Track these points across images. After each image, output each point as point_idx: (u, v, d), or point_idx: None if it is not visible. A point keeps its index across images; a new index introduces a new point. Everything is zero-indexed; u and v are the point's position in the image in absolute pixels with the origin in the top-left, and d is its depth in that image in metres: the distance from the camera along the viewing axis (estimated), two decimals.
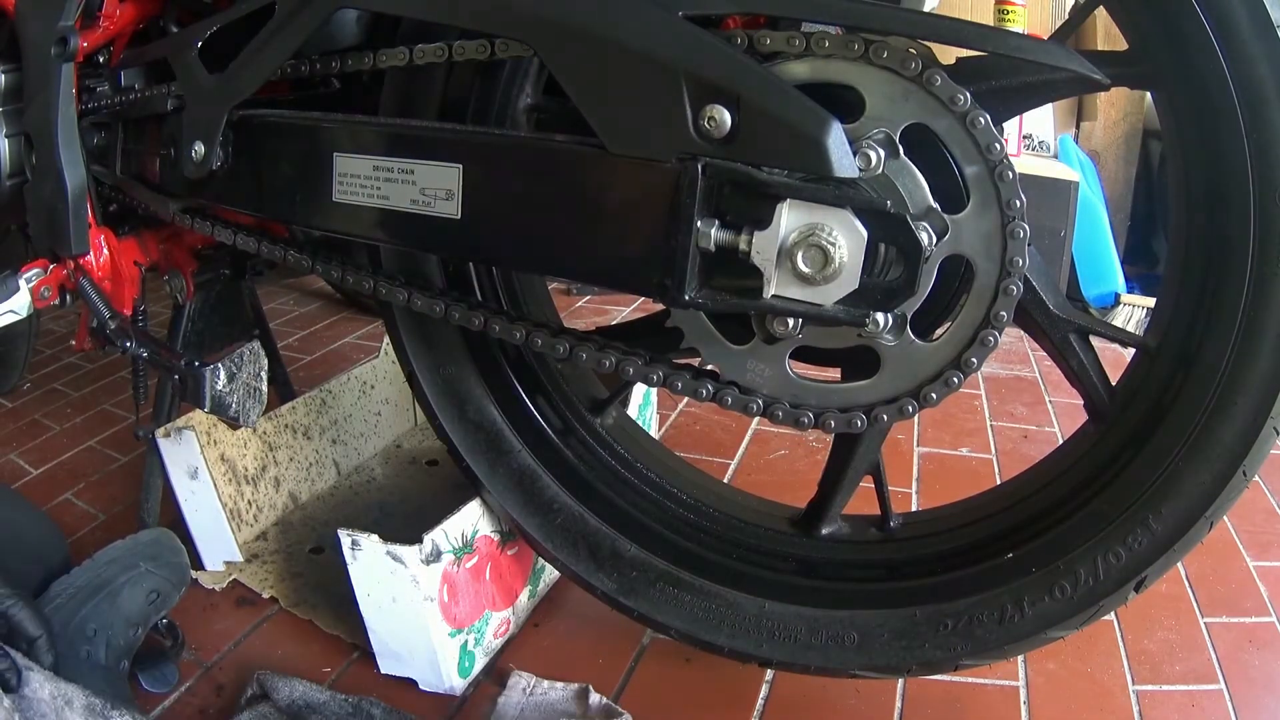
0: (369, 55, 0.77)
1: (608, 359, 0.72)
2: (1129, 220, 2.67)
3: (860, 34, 0.62)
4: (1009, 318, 0.66)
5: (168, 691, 0.89)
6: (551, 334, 0.74)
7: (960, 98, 0.62)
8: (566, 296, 2.12)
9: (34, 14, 0.84)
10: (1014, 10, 2.22)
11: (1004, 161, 0.63)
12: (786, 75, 0.64)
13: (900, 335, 0.68)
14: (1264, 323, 0.66)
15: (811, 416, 0.70)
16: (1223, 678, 0.94)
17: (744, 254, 0.63)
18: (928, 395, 0.68)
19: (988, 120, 0.62)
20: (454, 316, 0.76)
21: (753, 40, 0.64)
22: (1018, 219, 0.64)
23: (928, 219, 0.64)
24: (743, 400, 0.71)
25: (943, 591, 0.80)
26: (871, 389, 0.70)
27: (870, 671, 0.81)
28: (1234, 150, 0.64)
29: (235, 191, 0.82)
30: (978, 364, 0.67)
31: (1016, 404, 1.64)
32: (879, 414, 0.70)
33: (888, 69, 0.63)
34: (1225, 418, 0.68)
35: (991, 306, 0.66)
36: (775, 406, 0.70)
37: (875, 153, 0.63)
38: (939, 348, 0.68)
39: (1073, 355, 0.77)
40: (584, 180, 0.68)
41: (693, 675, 0.92)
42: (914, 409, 0.69)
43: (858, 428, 0.70)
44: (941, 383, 0.68)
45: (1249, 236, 0.65)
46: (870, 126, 0.64)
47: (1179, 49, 0.64)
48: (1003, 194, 0.64)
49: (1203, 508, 0.70)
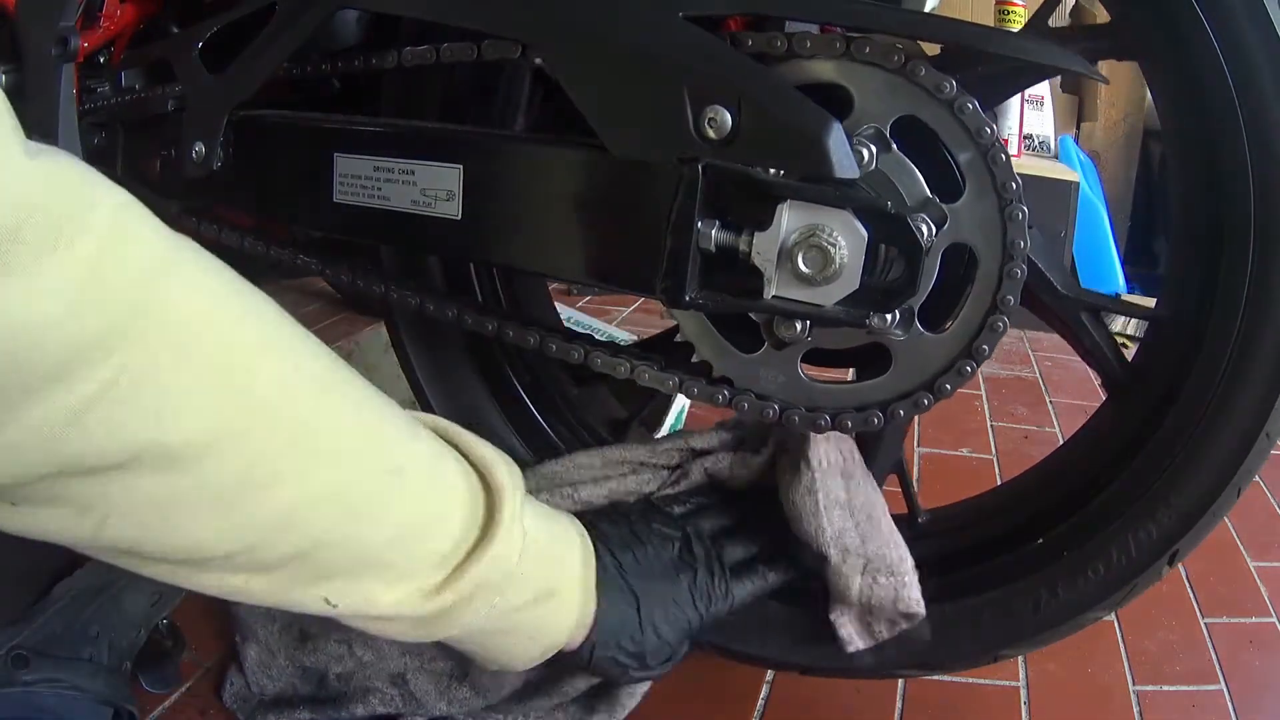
0: (370, 56, 0.77)
1: (622, 365, 0.72)
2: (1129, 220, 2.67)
3: (842, 32, 0.63)
4: (1016, 301, 0.66)
5: (168, 692, 0.89)
6: (565, 340, 0.74)
7: (946, 85, 0.62)
8: (567, 297, 2.12)
9: (34, 14, 0.84)
10: (1014, 10, 2.22)
11: (996, 145, 0.63)
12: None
13: (909, 329, 0.67)
14: (1273, 288, 0.66)
15: (829, 419, 0.70)
16: (1223, 678, 0.94)
17: (744, 255, 0.63)
18: (941, 386, 0.68)
19: (975, 105, 0.62)
20: (466, 322, 0.76)
21: (734, 42, 0.64)
22: (1015, 201, 0.64)
23: (925, 210, 0.65)
24: (759, 405, 0.70)
25: (974, 584, 0.80)
26: (885, 385, 0.70)
27: (907, 670, 0.82)
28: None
29: (236, 192, 0.82)
30: (989, 350, 0.67)
31: (1017, 404, 1.64)
32: (895, 409, 0.69)
33: (872, 64, 0.63)
34: (1243, 383, 0.68)
35: (997, 292, 0.66)
36: (791, 412, 0.70)
37: (868, 149, 0.63)
38: (949, 338, 0.68)
39: (1085, 334, 0.77)
40: (585, 181, 0.68)
41: (693, 675, 0.92)
42: (930, 401, 0.69)
43: (875, 425, 0.70)
44: (955, 372, 0.68)
45: (1250, 199, 0.65)
46: (860, 123, 0.64)
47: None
48: (997, 177, 0.64)
49: (1229, 474, 0.70)
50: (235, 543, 0.48)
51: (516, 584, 0.59)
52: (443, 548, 0.56)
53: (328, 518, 0.50)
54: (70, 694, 0.80)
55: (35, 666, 0.79)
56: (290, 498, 0.48)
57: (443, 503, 0.57)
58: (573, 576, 0.65)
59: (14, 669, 0.79)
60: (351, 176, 0.75)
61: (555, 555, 0.64)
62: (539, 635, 0.64)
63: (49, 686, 0.79)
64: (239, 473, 0.46)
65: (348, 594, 0.53)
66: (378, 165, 0.73)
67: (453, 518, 0.57)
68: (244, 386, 0.46)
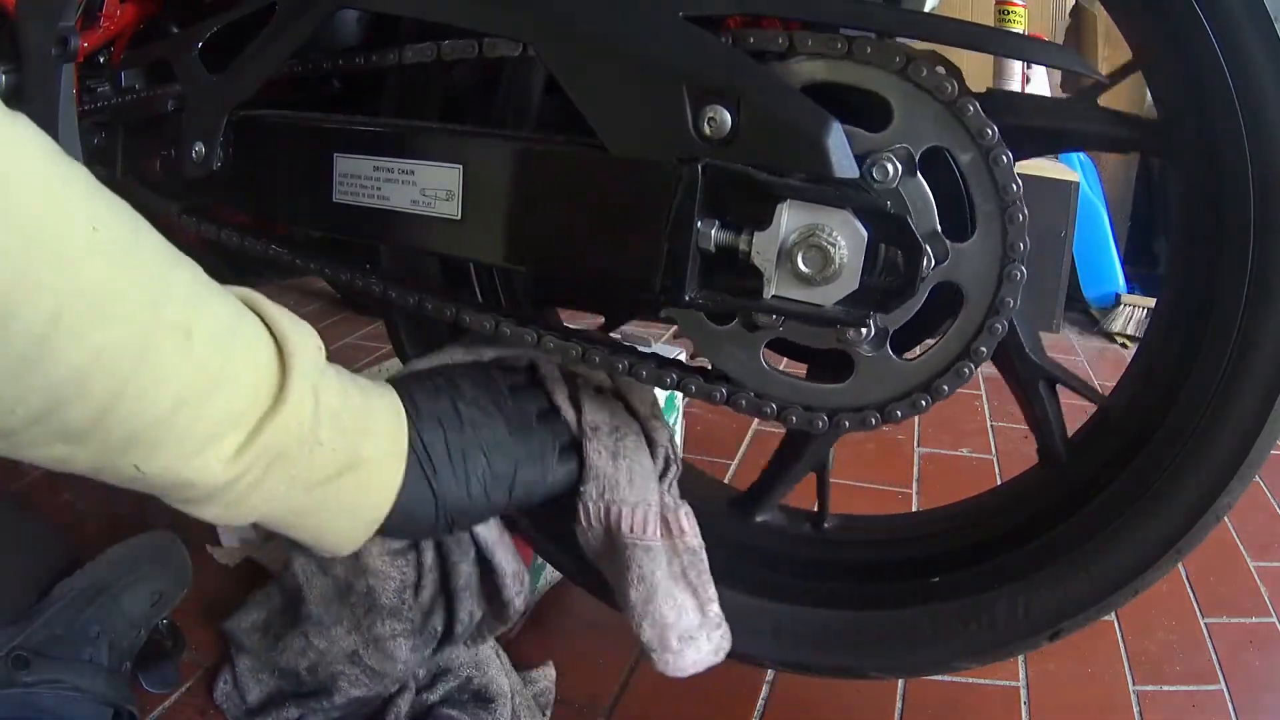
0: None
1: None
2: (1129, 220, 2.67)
3: (902, 47, 0.62)
4: (988, 354, 0.66)
5: (168, 692, 0.89)
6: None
7: (989, 132, 0.62)
8: None
9: (34, 14, 0.84)
10: (1014, 10, 2.22)
11: (1017, 204, 0.63)
12: (826, 76, 0.64)
13: (879, 349, 0.68)
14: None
15: (774, 408, 0.70)
16: (1223, 678, 0.94)
17: (744, 255, 0.63)
18: (892, 412, 0.68)
19: (1009, 159, 0.62)
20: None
21: (793, 41, 0.63)
22: (1018, 261, 0.64)
23: (930, 242, 0.64)
24: (707, 389, 0.70)
25: (861, 601, 0.82)
26: (839, 393, 0.70)
27: (776, 664, 0.85)
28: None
29: (236, 192, 0.82)
30: (949, 390, 0.67)
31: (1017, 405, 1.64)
32: (841, 419, 0.70)
33: (923, 89, 0.62)
34: (1165, 503, 0.72)
35: (974, 340, 0.66)
36: (739, 395, 0.70)
37: (894, 166, 0.62)
38: (914, 368, 0.68)
39: (1039, 403, 0.78)
40: (584, 181, 0.67)
41: (693, 676, 0.92)
42: (876, 421, 0.69)
43: (817, 429, 0.70)
44: (909, 403, 0.68)
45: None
46: (893, 140, 0.63)
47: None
48: (1009, 235, 0.64)
49: (1129, 578, 0.73)
50: (36, 406, 0.48)
51: (315, 454, 0.58)
52: (232, 410, 0.55)
53: (115, 377, 0.49)
54: (70, 695, 0.80)
55: (35, 667, 0.79)
56: (80, 358, 0.48)
57: (232, 367, 0.55)
58: (381, 447, 0.63)
59: (14, 670, 0.79)
60: (351, 176, 0.75)
61: (359, 425, 0.62)
62: (356, 511, 0.63)
63: (49, 688, 0.79)
64: (34, 330, 0.46)
65: (150, 461, 0.53)
66: (378, 165, 0.73)
67: (241, 381, 0.55)
68: (45, 245, 0.46)
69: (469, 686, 0.86)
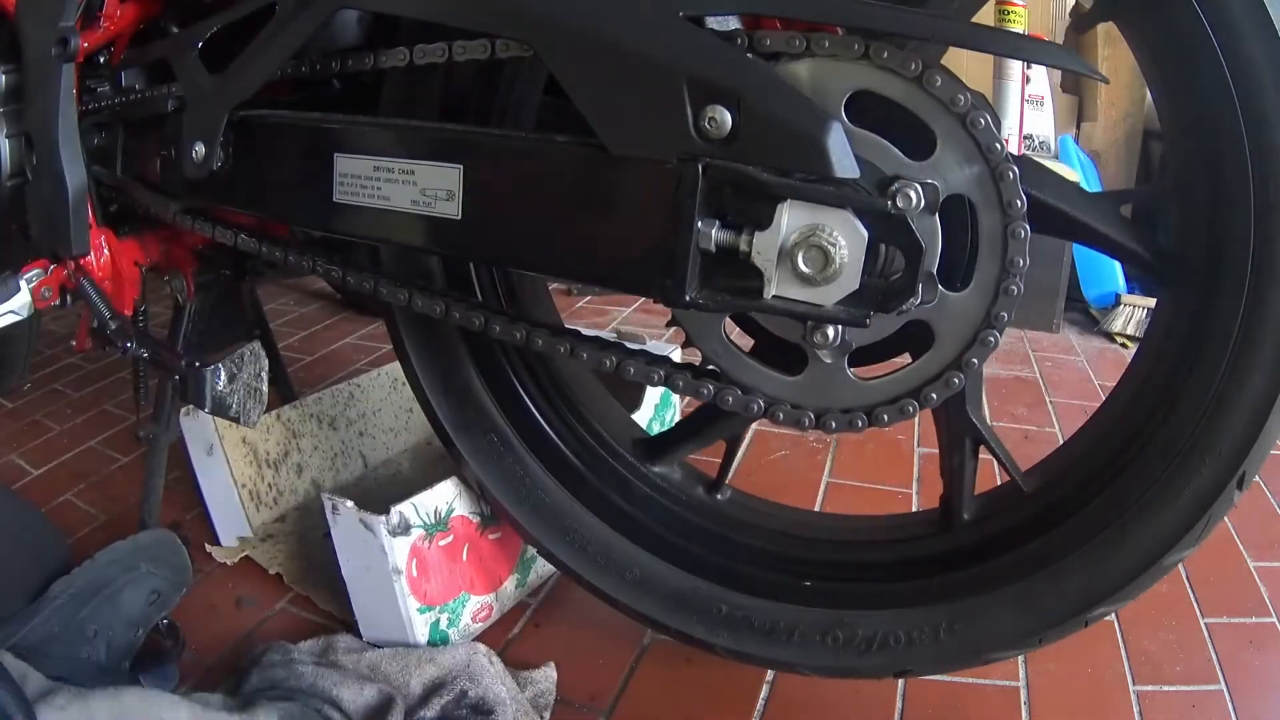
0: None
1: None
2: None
3: (966, 92, 0.62)
4: (938, 401, 0.69)
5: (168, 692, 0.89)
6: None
7: (1018, 203, 0.63)
8: (567, 297, 2.12)
9: (34, 14, 0.84)
10: (1015, 11, 2.22)
11: (1018, 277, 0.64)
12: (894, 95, 0.64)
13: (839, 359, 0.69)
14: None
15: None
16: (1223, 678, 0.94)
17: (744, 254, 0.63)
18: (828, 421, 0.70)
19: (1027, 233, 0.63)
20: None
21: (870, 50, 0.62)
22: (997, 329, 0.66)
23: (923, 281, 0.64)
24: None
25: (730, 578, 0.85)
26: (784, 386, 0.71)
27: (628, 612, 0.87)
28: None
29: (236, 192, 0.82)
30: (888, 421, 0.69)
31: (1018, 404, 1.64)
32: (777, 411, 0.71)
33: (976, 141, 0.62)
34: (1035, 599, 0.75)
35: (928, 385, 0.68)
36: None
37: (917, 196, 0.62)
38: (864, 388, 0.70)
39: (958, 455, 0.80)
40: (585, 181, 0.68)
41: (693, 675, 0.92)
42: (809, 424, 0.71)
43: (753, 413, 0.71)
44: (847, 419, 0.70)
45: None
46: (927, 174, 0.63)
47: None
48: (999, 303, 0.65)
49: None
50: None
51: None
52: None
53: None
54: None
55: (33, 665, 0.79)
56: None
57: None
58: None
59: None
60: (351, 176, 0.75)
61: None
62: None
63: None
64: None
65: None
66: (378, 165, 0.73)
67: None
68: None
69: (465, 700, 0.85)
